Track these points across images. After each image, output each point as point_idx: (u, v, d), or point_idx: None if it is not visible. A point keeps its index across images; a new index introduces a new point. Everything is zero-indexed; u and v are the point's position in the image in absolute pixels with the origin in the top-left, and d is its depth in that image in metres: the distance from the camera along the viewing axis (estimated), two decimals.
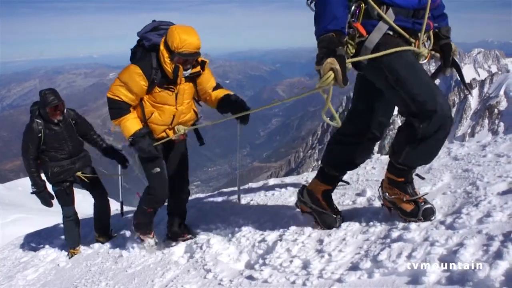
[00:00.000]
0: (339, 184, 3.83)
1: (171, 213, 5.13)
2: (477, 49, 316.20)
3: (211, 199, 6.50)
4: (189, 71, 4.34)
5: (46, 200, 6.03)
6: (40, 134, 5.68)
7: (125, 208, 7.11)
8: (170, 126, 4.58)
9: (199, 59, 4.39)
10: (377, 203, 3.78)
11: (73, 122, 6.03)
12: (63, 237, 6.68)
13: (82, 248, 6.26)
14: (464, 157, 4.49)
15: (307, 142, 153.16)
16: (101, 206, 6.37)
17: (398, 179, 3.25)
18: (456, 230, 2.76)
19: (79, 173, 6.07)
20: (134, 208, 5.23)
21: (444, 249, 2.59)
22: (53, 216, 12.45)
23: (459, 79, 3.60)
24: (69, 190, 6.09)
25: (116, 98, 4.28)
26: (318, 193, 3.68)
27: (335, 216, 3.63)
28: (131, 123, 4.32)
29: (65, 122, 5.91)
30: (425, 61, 3.08)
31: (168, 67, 4.19)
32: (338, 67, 2.57)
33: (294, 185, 5.53)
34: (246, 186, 6.81)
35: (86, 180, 6.11)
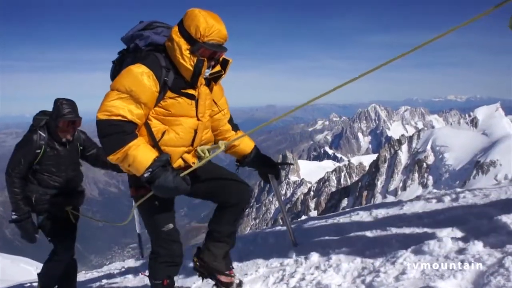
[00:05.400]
0: None
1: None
2: (404, 107, 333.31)
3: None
4: (209, 70, 3.22)
5: (28, 232, 4.71)
6: (39, 151, 4.58)
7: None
8: (191, 148, 3.32)
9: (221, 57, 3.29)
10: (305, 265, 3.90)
11: (81, 148, 4.99)
12: None
13: None
14: (384, 217, 4.74)
15: None
16: (70, 261, 5.08)
17: None
18: None
19: (68, 208, 4.92)
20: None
21: None
22: None
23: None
24: (57, 219, 4.84)
25: (116, 118, 2.93)
26: None
27: None
28: (143, 151, 2.95)
29: (72, 145, 4.87)
30: None
31: (187, 62, 3.05)
32: None
33: None
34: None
35: (72, 219, 4.96)
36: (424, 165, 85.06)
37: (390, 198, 73.10)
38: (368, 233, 4.25)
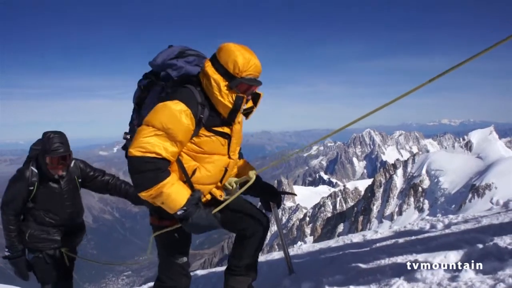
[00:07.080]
0: None
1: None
2: (399, 131, 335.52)
3: None
4: (245, 105, 3.12)
5: (21, 270, 4.51)
6: (31, 188, 4.29)
7: None
8: (219, 184, 3.30)
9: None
10: None
11: (79, 180, 4.67)
12: None
13: None
14: (377, 245, 4.74)
15: None
16: None
17: None
18: None
19: (64, 250, 4.63)
20: None
21: None
22: None
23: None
24: (51, 259, 4.56)
25: (150, 155, 2.83)
26: None
27: None
28: (177, 190, 2.88)
29: (69, 179, 4.55)
30: None
31: (226, 99, 2.98)
32: None
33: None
34: None
35: (67, 262, 4.68)
36: (420, 189, 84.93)
37: (386, 223, 72.90)
38: (362, 261, 4.24)
